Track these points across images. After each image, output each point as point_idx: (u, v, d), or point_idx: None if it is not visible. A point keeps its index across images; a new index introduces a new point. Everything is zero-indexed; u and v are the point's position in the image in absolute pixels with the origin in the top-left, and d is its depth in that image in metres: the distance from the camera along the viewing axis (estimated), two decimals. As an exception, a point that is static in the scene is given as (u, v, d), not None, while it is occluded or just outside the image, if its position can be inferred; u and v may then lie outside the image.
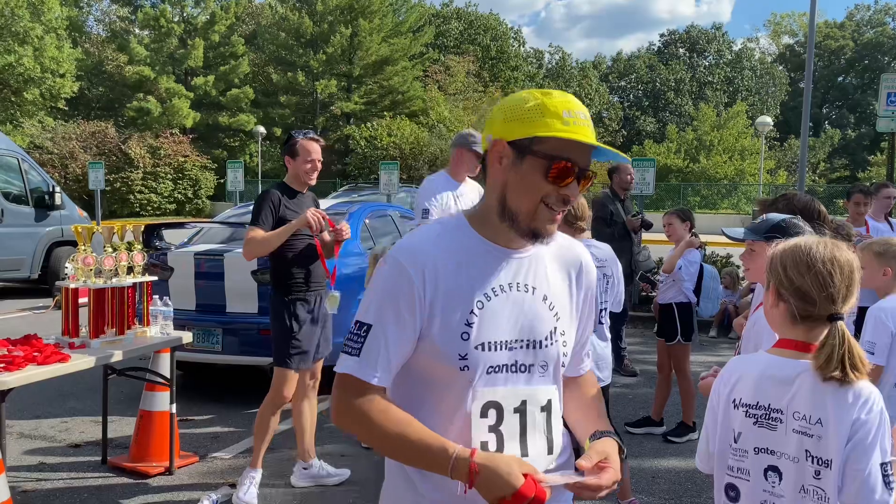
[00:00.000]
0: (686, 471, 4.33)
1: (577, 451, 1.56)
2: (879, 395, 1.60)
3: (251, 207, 3.96)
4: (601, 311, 3.59)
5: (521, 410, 1.46)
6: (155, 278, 4.29)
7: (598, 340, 3.59)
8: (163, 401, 4.28)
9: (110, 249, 3.87)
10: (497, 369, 1.45)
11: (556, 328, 1.51)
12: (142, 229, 4.25)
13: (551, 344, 1.50)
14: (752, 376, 1.66)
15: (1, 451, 3.10)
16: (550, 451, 1.50)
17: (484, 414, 1.44)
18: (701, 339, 5.90)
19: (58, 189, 11.29)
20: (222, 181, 30.19)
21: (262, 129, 34.95)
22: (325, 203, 5.77)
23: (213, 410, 5.40)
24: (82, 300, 3.77)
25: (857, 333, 2.86)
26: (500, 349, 1.45)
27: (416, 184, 26.52)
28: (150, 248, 5.71)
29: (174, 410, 4.23)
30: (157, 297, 4.22)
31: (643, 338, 8.11)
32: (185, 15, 39.78)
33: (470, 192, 4.95)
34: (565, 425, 1.61)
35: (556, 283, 1.54)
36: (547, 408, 1.50)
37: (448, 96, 40.01)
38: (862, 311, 3.12)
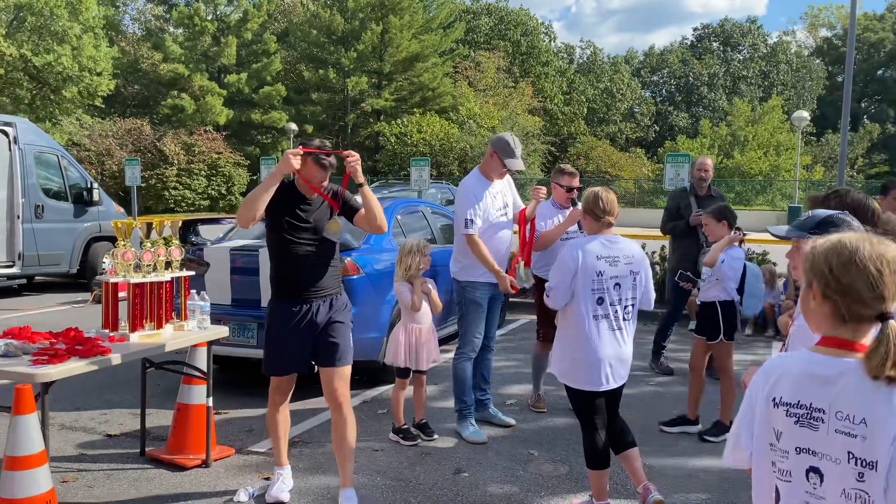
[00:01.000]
0: (722, 470, 4.27)
1: None
2: None
3: None
4: (628, 307, 3.56)
5: None
6: (192, 273, 4.35)
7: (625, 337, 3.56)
8: (199, 394, 4.34)
9: (149, 245, 3.93)
10: None
11: None
12: (179, 225, 4.30)
13: None
14: (793, 374, 1.62)
15: (45, 442, 3.17)
16: None
17: None
18: (736, 337, 5.82)
19: (96, 185, 11.50)
20: (255, 178, 30.52)
21: (293, 125, 35.21)
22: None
23: (249, 404, 5.46)
24: (122, 294, 3.84)
25: None
26: None
27: (447, 180, 26.53)
28: (187, 243, 5.79)
29: (210, 404, 4.29)
30: (194, 291, 4.28)
31: (678, 336, 8.02)
32: (218, 13, 40.23)
33: (503, 189, 4.95)
34: None
35: None
36: None
37: (478, 92, 39.96)
38: None
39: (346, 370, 3.73)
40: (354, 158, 3.58)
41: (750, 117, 43.93)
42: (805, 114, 29.12)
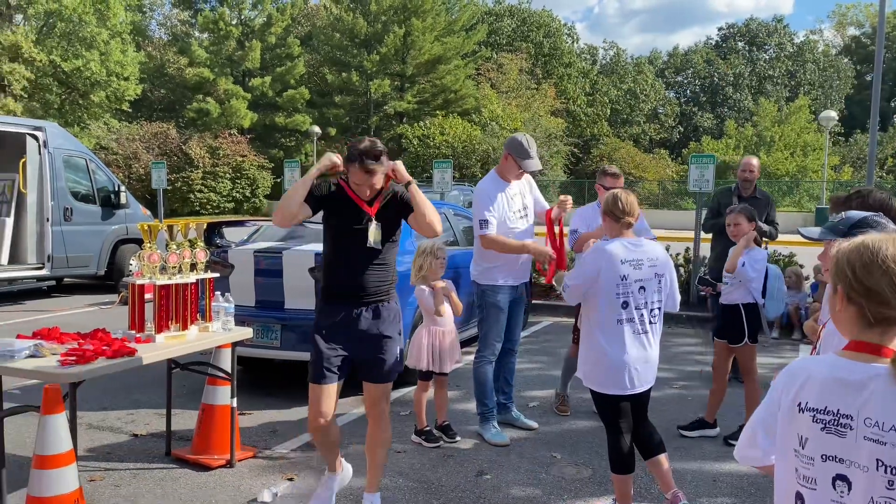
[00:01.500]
0: (748, 475, 4.22)
1: None
2: None
3: None
4: (654, 310, 3.52)
5: None
6: (217, 275, 4.38)
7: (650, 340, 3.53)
8: (224, 395, 4.38)
9: (174, 247, 3.97)
10: None
11: None
12: (204, 227, 4.34)
13: None
14: (820, 379, 1.59)
15: (73, 442, 3.22)
16: None
17: None
18: (762, 340, 5.76)
19: (123, 188, 11.67)
20: (279, 180, 30.78)
21: (317, 128, 35.51)
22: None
23: (272, 405, 5.50)
24: (148, 296, 3.88)
25: None
26: None
27: (469, 182, 26.52)
28: (212, 245, 5.84)
29: (235, 404, 4.33)
30: (218, 293, 4.32)
31: (702, 338, 7.95)
32: (242, 17, 40.68)
33: (520, 191, 4.91)
34: None
35: None
36: None
37: (501, 94, 39.92)
38: None
39: (390, 385, 3.61)
40: (395, 168, 3.44)
41: (776, 117, 43.40)
42: (833, 113, 28.71)
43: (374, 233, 3.42)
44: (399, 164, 3.48)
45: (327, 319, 3.48)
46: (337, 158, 3.42)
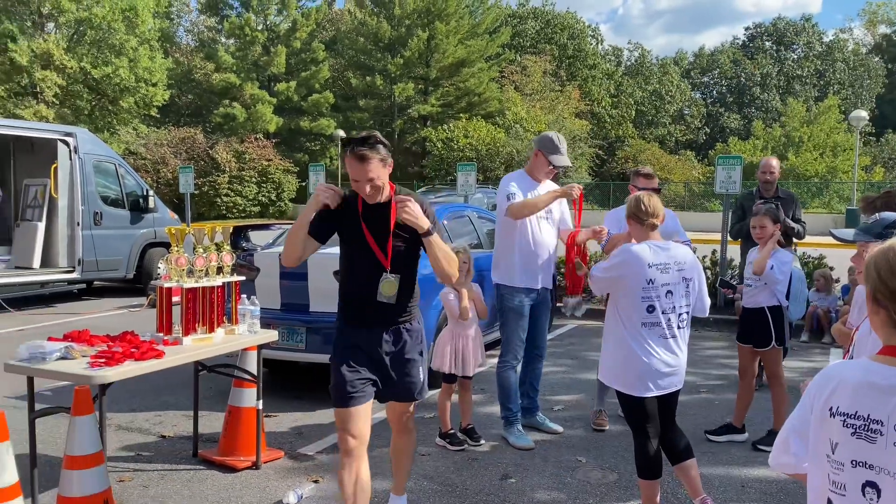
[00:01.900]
0: (777, 480, 4.16)
1: None
2: None
3: None
4: (682, 315, 3.48)
5: None
6: (243, 278, 4.42)
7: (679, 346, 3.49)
8: (250, 397, 4.42)
9: (201, 250, 4.01)
10: None
11: None
12: (230, 231, 4.39)
13: None
14: (851, 384, 1.56)
15: (102, 443, 3.27)
16: None
17: None
18: (791, 344, 5.67)
19: (151, 193, 11.85)
20: (304, 184, 30.99)
21: (341, 132, 35.71)
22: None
23: (298, 407, 5.54)
24: (175, 299, 3.93)
25: None
26: None
27: (493, 185, 26.46)
28: (238, 248, 5.90)
29: (261, 406, 4.36)
30: (244, 296, 4.35)
31: (729, 342, 7.85)
32: (268, 23, 41.04)
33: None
34: None
35: None
36: None
37: (525, 96, 39.82)
38: None
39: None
40: (405, 205, 3.00)
41: (805, 118, 42.79)
42: (863, 113, 28.21)
43: (387, 287, 3.12)
44: (415, 208, 3.02)
45: (347, 342, 3.20)
46: (325, 194, 3.05)
